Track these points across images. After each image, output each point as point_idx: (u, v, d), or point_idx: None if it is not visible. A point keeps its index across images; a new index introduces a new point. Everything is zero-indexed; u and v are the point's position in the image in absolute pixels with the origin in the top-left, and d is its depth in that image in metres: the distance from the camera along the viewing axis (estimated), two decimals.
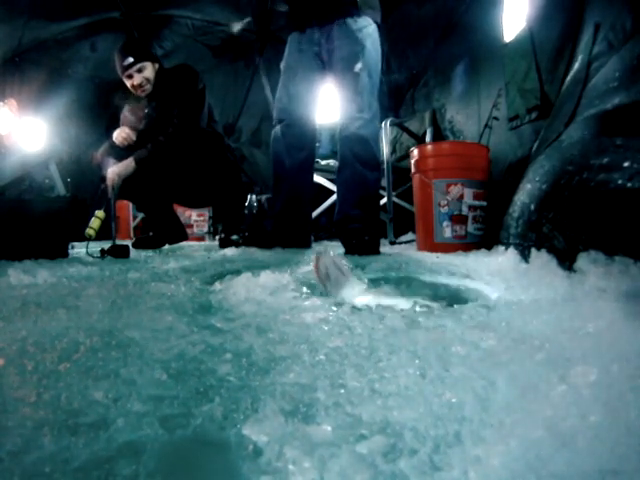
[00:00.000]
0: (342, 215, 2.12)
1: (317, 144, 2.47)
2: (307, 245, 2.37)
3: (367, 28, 2.14)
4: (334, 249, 2.23)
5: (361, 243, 1.98)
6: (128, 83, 2.46)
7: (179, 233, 2.85)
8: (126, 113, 2.62)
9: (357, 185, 2.11)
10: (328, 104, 2.55)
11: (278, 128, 2.27)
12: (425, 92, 3.81)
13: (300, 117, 2.23)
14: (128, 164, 2.33)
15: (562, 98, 1.66)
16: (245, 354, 0.59)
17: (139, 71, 2.42)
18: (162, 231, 2.76)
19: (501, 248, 1.54)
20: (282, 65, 2.31)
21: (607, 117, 1.16)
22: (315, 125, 2.33)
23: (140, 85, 2.44)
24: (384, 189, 2.81)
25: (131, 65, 2.39)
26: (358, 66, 2.08)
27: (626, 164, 0.97)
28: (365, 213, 2.09)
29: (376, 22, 2.20)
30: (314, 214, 2.96)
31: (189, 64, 2.63)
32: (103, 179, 2.34)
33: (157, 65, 2.50)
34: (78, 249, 2.19)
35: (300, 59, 2.23)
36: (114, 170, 2.31)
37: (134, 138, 2.44)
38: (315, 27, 2.18)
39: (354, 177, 2.11)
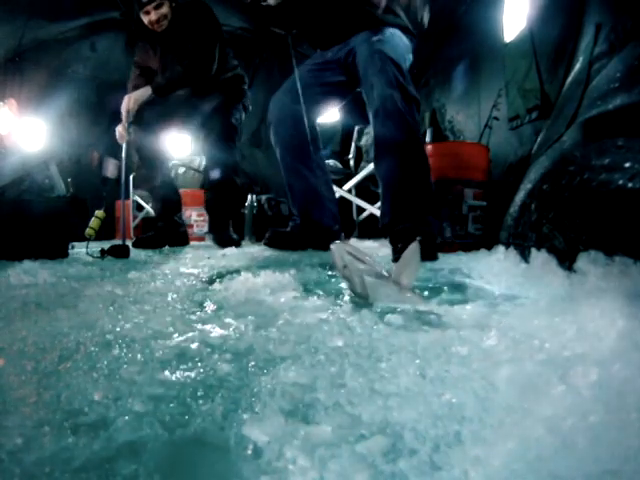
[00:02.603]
0: (389, 218, 1.81)
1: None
2: None
3: (385, 31, 1.92)
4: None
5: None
6: (145, 19, 2.51)
7: (181, 238, 2.85)
8: (140, 52, 2.69)
9: (397, 178, 1.81)
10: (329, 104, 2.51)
11: (272, 123, 2.18)
12: (425, 92, 3.81)
13: (297, 112, 2.06)
14: (145, 91, 2.36)
15: (563, 99, 1.65)
16: (245, 354, 0.59)
17: (156, 8, 2.47)
18: (164, 231, 2.76)
19: (501, 248, 1.53)
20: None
21: (609, 118, 1.16)
22: (315, 121, 2.19)
23: (157, 21, 2.49)
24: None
25: (149, 2, 2.44)
26: (371, 72, 1.85)
27: (627, 164, 0.97)
28: (413, 209, 1.76)
29: (405, 27, 2.02)
30: None
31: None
32: (104, 180, 2.33)
33: (174, 4, 2.56)
34: (78, 249, 2.19)
35: (312, 61, 2.17)
36: (130, 96, 2.32)
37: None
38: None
39: (391, 167, 1.82)
